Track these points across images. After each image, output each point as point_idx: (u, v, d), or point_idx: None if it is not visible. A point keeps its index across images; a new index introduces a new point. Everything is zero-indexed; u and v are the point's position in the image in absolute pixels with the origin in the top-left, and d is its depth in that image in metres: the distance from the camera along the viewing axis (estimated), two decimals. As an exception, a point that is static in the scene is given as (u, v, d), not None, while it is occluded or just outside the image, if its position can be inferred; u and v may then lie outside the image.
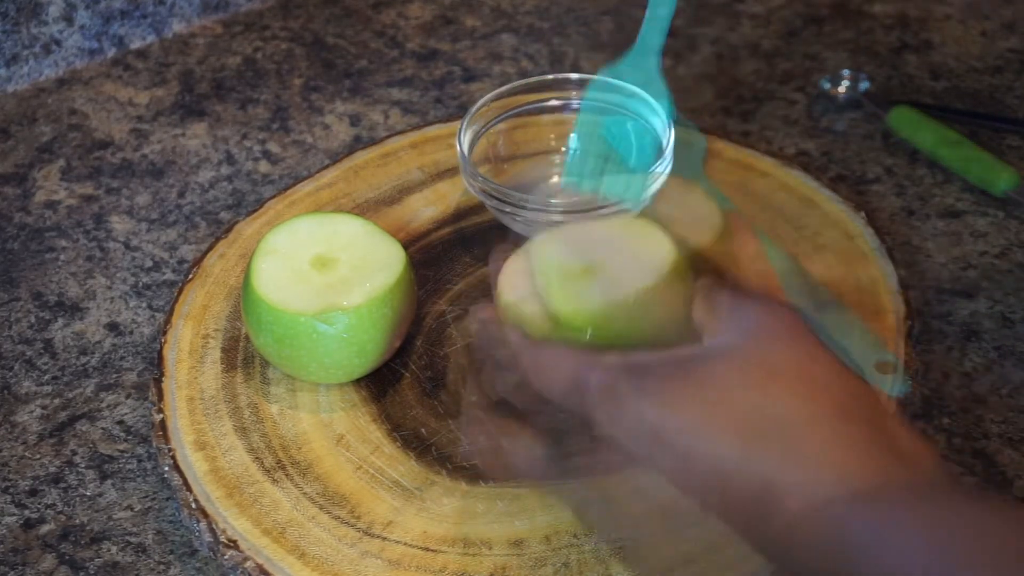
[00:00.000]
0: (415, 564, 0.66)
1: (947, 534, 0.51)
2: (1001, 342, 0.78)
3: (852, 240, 0.80)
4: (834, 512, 0.53)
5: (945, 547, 0.50)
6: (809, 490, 0.54)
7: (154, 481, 0.74)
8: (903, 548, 0.51)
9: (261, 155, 0.92)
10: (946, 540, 0.50)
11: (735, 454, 0.56)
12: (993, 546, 0.50)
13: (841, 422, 0.55)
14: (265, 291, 0.72)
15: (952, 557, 0.50)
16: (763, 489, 0.55)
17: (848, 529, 0.52)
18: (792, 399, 0.56)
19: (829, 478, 0.54)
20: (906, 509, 0.52)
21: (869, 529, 0.52)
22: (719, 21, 1.01)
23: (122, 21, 1.00)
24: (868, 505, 0.52)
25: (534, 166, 0.84)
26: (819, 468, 0.54)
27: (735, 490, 0.56)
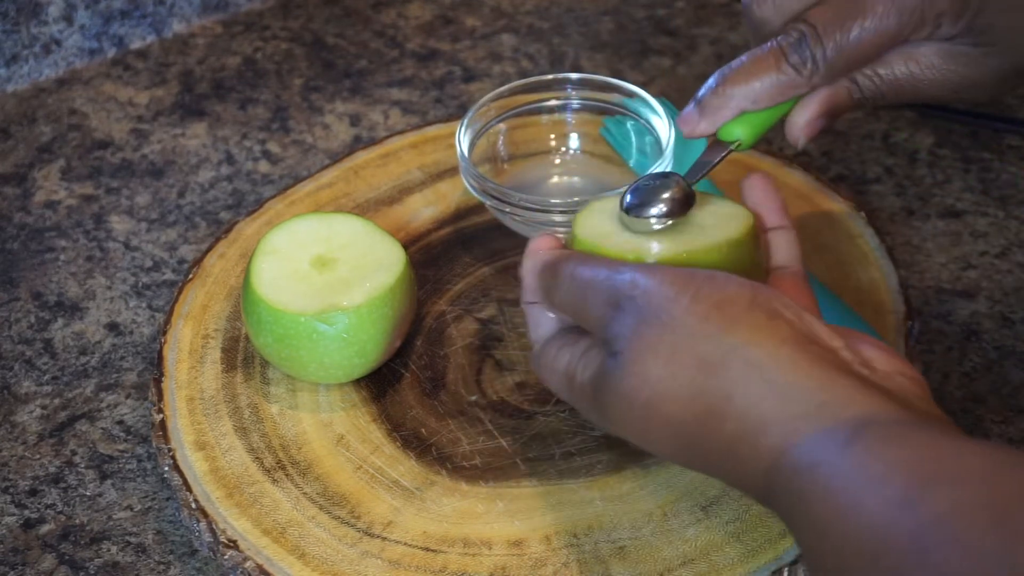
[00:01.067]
0: (415, 564, 0.66)
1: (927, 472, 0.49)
2: (1001, 342, 0.78)
3: (852, 240, 0.80)
4: (806, 451, 0.52)
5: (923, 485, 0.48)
6: (782, 424, 0.53)
7: (154, 481, 0.74)
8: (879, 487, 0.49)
9: (261, 155, 0.92)
10: (925, 477, 0.49)
11: (703, 398, 0.55)
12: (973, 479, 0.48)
13: (803, 349, 0.54)
14: (265, 291, 0.72)
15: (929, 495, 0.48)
16: (737, 432, 0.54)
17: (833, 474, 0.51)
18: (746, 329, 0.55)
19: (799, 412, 0.53)
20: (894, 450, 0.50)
21: (842, 469, 0.50)
22: (719, 21, 1.01)
23: (122, 21, 1.00)
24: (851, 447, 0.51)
25: (534, 166, 0.84)
26: (786, 403, 0.53)
27: (705, 436, 0.55)
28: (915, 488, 0.48)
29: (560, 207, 0.76)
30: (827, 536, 0.50)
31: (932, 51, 0.68)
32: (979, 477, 0.48)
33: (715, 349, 0.54)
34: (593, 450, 0.71)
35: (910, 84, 0.69)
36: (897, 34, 0.67)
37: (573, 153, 0.85)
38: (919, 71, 0.68)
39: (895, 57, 0.68)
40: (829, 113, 0.69)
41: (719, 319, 0.55)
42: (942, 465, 0.49)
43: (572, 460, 0.71)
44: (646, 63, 0.98)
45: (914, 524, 0.47)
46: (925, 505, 0.48)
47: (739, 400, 0.54)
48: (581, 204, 0.76)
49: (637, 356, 0.56)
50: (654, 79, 0.96)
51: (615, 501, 0.68)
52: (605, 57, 0.98)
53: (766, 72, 0.67)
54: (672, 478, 0.69)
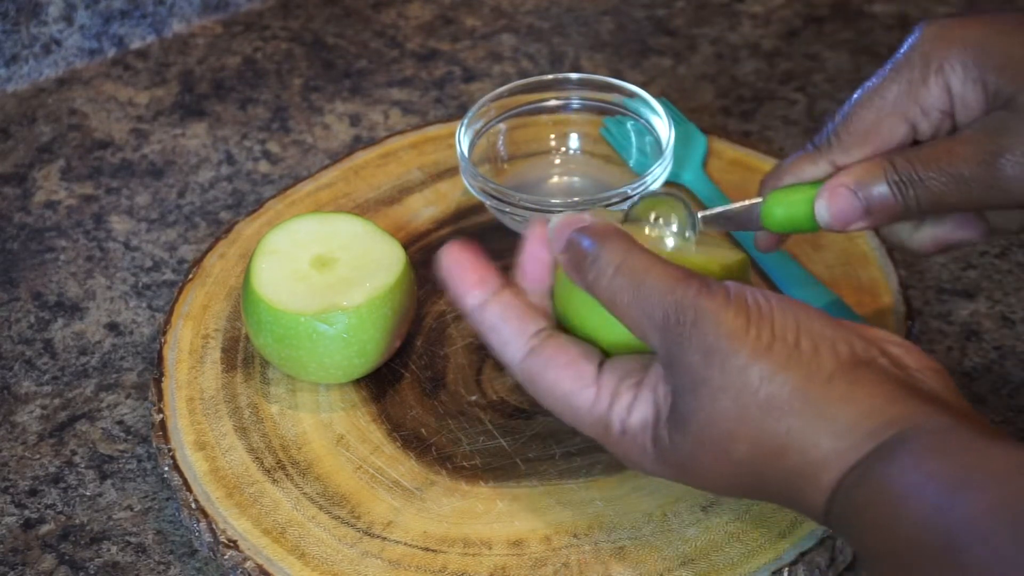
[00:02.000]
0: (415, 564, 0.66)
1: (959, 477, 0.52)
2: (1001, 342, 0.78)
3: (852, 240, 0.80)
4: (865, 475, 0.54)
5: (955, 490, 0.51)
6: (839, 457, 0.55)
7: (154, 481, 0.74)
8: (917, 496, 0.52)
9: (261, 155, 0.92)
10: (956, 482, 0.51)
11: (763, 435, 0.56)
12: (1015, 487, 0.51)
13: (850, 374, 0.56)
14: (265, 291, 0.72)
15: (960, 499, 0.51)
16: (797, 467, 0.56)
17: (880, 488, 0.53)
18: (800, 361, 0.56)
19: (855, 437, 0.55)
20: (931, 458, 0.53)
21: (887, 480, 0.53)
22: (719, 21, 1.01)
23: (122, 21, 1.00)
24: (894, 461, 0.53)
25: (534, 166, 0.84)
26: (842, 431, 0.55)
27: (768, 473, 0.57)
28: (947, 493, 0.51)
29: (560, 207, 0.76)
30: (878, 543, 0.53)
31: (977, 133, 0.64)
32: (1001, 479, 0.51)
33: (776, 390, 0.56)
34: (593, 450, 0.71)
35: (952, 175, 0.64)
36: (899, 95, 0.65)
37: (573, 153, 0.85)
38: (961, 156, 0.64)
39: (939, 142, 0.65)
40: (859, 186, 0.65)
41: (775, 357, 0.56)
42: (971, 469, 0.52)
43: (572, 460, 0.71)
44: (646, 63, 0.98)
45: (946, 526, 0.50)
46: (955, 509, 0.50)
47: (799, 439, 0.56)
48: (582, 204, 0.76)
49: (708, 397, 0.57)
50: (654, 79, 0.96)
51: (615, 501, 0.68)
52: (605, 57, 0.98)
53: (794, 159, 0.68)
54: (672, 478, 0.69)
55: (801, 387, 0.56)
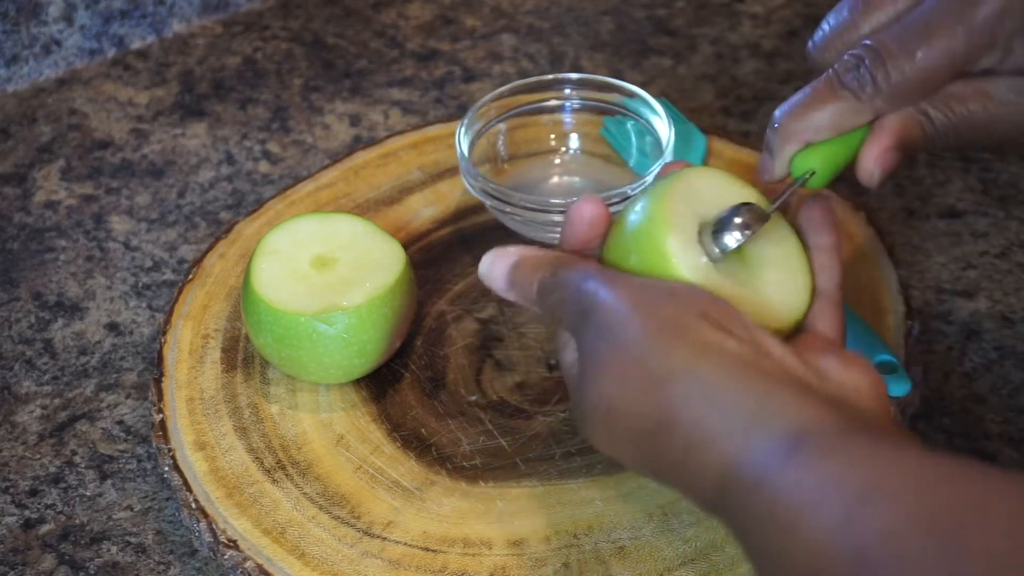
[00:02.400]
0: (415, 564, 0.66)
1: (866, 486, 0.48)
2: (1001, 342, 0.78)
3: (852, 240, 0.80)
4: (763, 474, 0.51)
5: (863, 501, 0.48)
6: (728, 438, 0.53)
7: (154, 481, 0.74)
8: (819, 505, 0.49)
9: (261, 155, 0.92)
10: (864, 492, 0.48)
11: (654, 412, 0.55)
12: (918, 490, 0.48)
13: (747, 362, 0.55)
14: (265, 291, 0.72)
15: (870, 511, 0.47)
16: (686, 445, 0.54)
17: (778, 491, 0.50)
18: (691, 344, 0.55)
19: (742, 425, 0.53)
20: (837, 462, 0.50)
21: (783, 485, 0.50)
22: (719, 21, 1.01)
23: (122, 21, 1.00)
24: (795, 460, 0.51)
25: (534, 166, 0.84)
26: (731, 409, 0.53)
27: (659, 449, 0.56)
28: (855, 504, 0.48)
29: (560, 207, 0.76)
30: (774, 554, 0.50)
31: (1007, 86, 0.64)
32: (919, 490, 0.48)
33: (661, 365, 0.55)
34: (593, 450, 0.71)
35: (984, 123, 0.64)
36: (966, 56, 0.63)
37: (573, 153, 0.85)
38: (994, 108, 0.64)
39: (969, 91, 0.64)
40: (901, 146, 0.64)
41: (667, 335, 0.55)
42: (882, 479, 0.49)
43: (572, 460, 0.71)
44: (646, 63, 0.98)
45: (857, 541, 0.47)
46: (865, 522, 0.47)
47: (686, 414, 0.54)
48: None
49: (595, 371, 0.57)
50: (654, 79, 0.96)
51: (615, 501, 0.68)
52: (605, 57, 0.98)
53: (824, 101, 0.64)
54: (672, 478, 0.69)
55: (688, 363, 0.54)
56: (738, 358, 0.55)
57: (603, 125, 0.84)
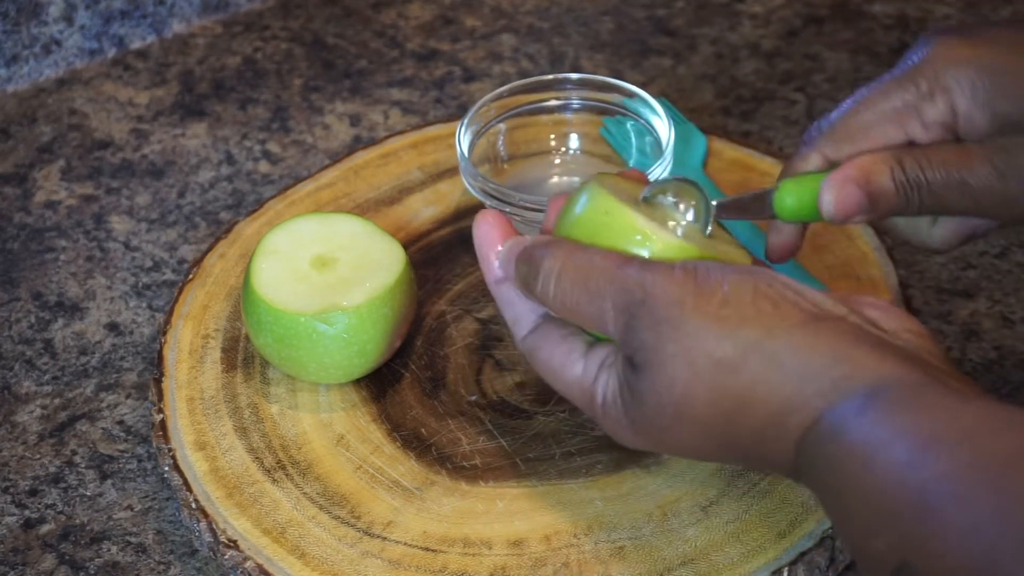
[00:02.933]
0: (415, 564, 0.66)
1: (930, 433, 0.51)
2: (1001, 342, 0.78)
3: (852, 240, 0.80)
4: (833, 428, 0.54)
5: (927, 447, 0.51)
6: (803, 406, 0.55)
7: (154, 481, 0.74)
8: (888, 450, 0.51)
9: (261, 155, 0.92)
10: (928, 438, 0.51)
11: (729, 396, 0.56)
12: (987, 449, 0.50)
13: (814, 329, 0.56)
14: (265, 291, 0.72)
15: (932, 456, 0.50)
16: (764, 420, 0.56)
17: (848, 442, 0.53)
18: (757, 318, 0.56)
19: (818, 390, 0.54)
20: (902, 413, 0.52)
21: (857, 436, 0.52)
22: (719, 21, 1.01)
23: (122, 21, 1.00)
24: (863, 414, 0.53)
25: (534, 166, 0.84)
26: (805, 379, 0.55)
27: (734, 430, 0.57)
28: (919, 450, 0.50)
29: (560, 207, 0.76)
30: (847, 499, 0.53)
31: (985, 152, 0.64)
32: (977, 437, 0.50)
33: (731, 349, 0.56)
34: (593, 450, 0.71)
35: (960, 185, 0.64)
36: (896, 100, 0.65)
37: (573, 153, 0.85)
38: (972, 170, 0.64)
39: (949, 152, 0.65)
40: (863, 182, 0.65)
41: (727, 318, 0.56)
42: (944, 426, 0.51)
43: (572, 460, 0.71)
44: (646, 63, 0.98)
45: (919, 483, 0.50)
46: (928, 465, 0.50)
47: (761, 391, 0.55)
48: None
49: (658, 367, 0.57)
50: (654, 79, 0.96)
51: (615, 501, 0.68)
52: (605, 57, 0.98)
53: None
54: (672, 478, 0.69)
55: (758, 342, 0.55)
56: (802, 327, 0.55)
57: (603, 125, 0.84)
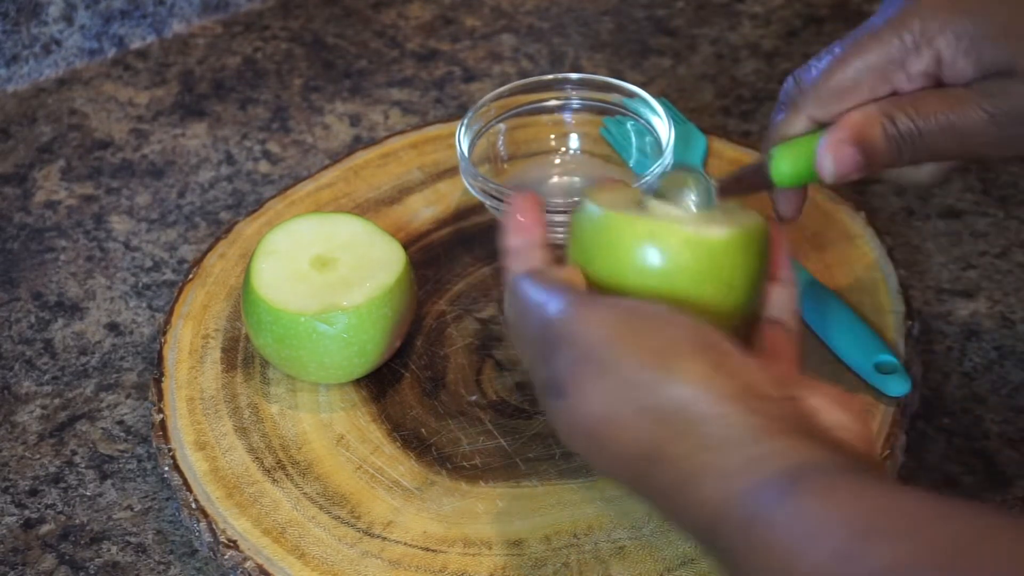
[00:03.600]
0: (415, 564, 0.66)
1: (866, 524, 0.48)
2: (1001, 342, 0.78)
3: (852, 240, 0.80)
4: (744, 504, 0.51)
5: (863, 538, 0.47)
6: (720, 483, 0.52)
7: (154, 481, 0.74)
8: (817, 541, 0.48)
9: (261, 155, 0.92)
10: (864, 529, 0.48)
11: (644, 441, 0.54)
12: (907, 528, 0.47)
13: (742, 403, 0.53)
14: (265, 291, 0.72)
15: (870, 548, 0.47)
16: (677, 480, 0.53)
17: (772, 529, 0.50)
18: (684, 383, 0.54)
19: (737, 465, 0.52)
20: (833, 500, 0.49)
21: (778, 523, 0.50)
22: (719, 21, 1.01)
23: (122, 21, 1.00)
24: (790, 498, 0.50)
25: (534, 166, 0.84)
26: (724, 456, 0.52)
27: (652, 482, 0.55)
28: (855, 541, 0.47)
29: (560, 207, 0.76)
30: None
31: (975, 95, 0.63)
32: (918, 528, 0.47)
33: (654, 399, 0.54)
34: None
35: (951, 131, 0.63)
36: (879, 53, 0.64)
37: (573, 153, 0.85)
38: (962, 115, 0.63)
39: (937, 99, 0.64)
40: (858, 141, 0.64)
41: (659, 368, 0.54)
42: (881, 516, 0.48)
43: (572, 460, 0.71)
44: (646, 63, 0.98)
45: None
46: (866, 560, 0.47)
47: (680, 451, 0.53)
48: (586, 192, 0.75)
49: (578, 394, 0.55)
50: (654, 79, 0.96)
51: (615, 501, 0.68)
52: (605, 57, 0.98)
53: None
54: (672, 478, 0.69)
55: (682, 403, 0.53)
56: (731, 398, 0.53)
57: (603, 125, 0.84)
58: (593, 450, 0.56)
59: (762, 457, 0.52)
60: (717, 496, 0.52)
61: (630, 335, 0.55)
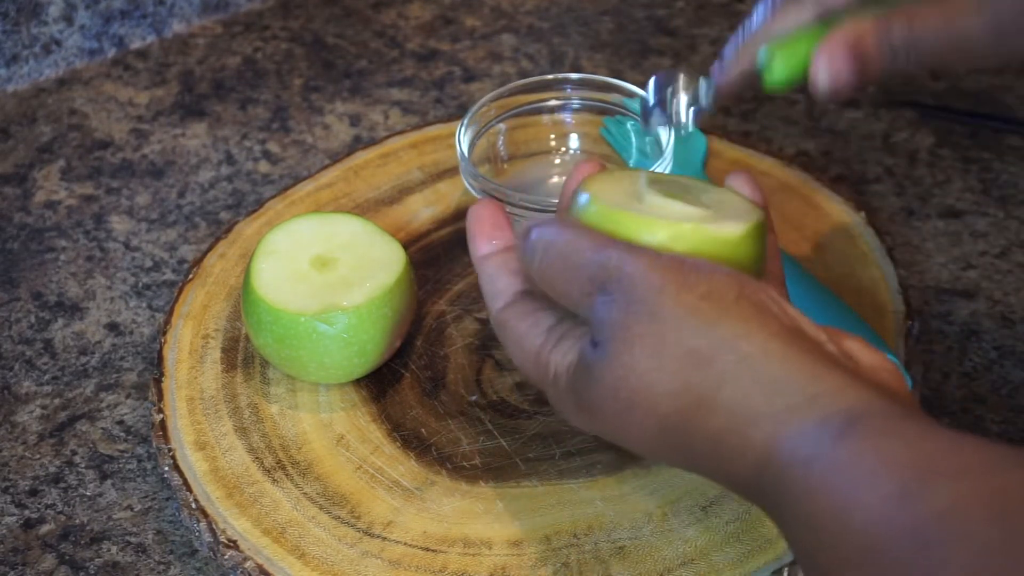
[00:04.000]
0: (415, 564, 0.66)
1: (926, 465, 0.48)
2: (1001, 342, 0.78)
3: (852, 240, 0.80)
4: (810, 453, 0.50)
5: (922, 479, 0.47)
6: (773, 419, 0.52)
7: (154, 481, 0.74)
8: (876, 482, 0.48)
9: (261, 155, 0.92)
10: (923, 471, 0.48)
11: (692, 391, 0.53)
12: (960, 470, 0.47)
13: (792, 343, 0.53)
14: (265, 291, 0.72)
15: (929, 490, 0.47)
16: (726, 425, 0.53)
17: (828, 471, 0.50)
18: (734, 322, 0.53)
19: (790, 404, 0.51)
20: (889, 443, 0.49)
21: (836, 463, 0.49)
22: (719, 21, 1.01)
23: (122, 21, 1.00)
24: (844, 441, 0.50)
25: (534, 166, 0.84)
26: (778, 390, 0.52)
27: (690, 430, 0.54)
28: (914, 482, 0.47)
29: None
30: (823, 531, 0.49)
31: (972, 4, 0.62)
32: (979, 472, 0.47)
33: (704, 342, 0.53)
34: (593, 450, 0.71)
35: (947, 39, 0.62)
36: None
37: (573, 153, 0.85)
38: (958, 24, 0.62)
39: (934, 7, 0.63)
40: (854, 49, 0.63)
41: (707, 311, 0.54)
42: (940, 459, 0.48)
43: (572, 460, 0.71)
44: (646, 63, 0.98)
45: (914, 519, 0.46)
46: (925, 500, 0.47)
47: (728, 392, 0.53)
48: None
49: (623, 346, 0.54)
50: (654, 79, 0.96)
51: (615, 501, 0.68)
52: (605, 57, 0.98)
53: None
54: (672, 478, 0.69)
55: (732, 342, 0.53)
56: (780, 338, 0.53)
57: (603, 125, 0.84)
58: (632, 413, 0.55)
59: (817, 396, 0.51)
60: (770, 437, 0.51)
61: (679, 281, 0.55)
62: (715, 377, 0.53)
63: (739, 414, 0.52)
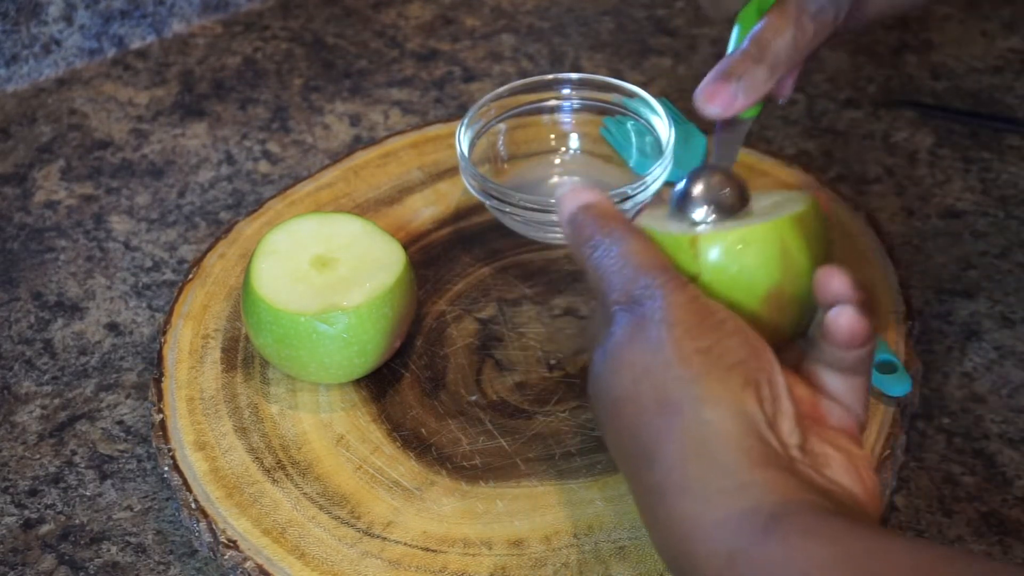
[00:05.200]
0: (415, 564, 0.66)
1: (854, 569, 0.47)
2: (1001, 342, 0.78)
3: (852, 240, 0.80)
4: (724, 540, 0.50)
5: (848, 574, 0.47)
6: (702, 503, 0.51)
7: (154, 481, 0.74)
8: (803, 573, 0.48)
9: (261, 155, 0.92)
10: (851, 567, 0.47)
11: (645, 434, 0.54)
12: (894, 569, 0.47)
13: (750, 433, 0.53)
14: (265, 291, 0.72)
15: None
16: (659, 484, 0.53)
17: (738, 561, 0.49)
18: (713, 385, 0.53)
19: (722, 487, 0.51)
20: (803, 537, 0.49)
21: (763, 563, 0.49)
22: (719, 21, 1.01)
23: (122, 21, 1.00)
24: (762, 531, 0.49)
25: (534, 166, 0.84)
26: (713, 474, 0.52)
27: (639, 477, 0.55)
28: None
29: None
30: None
31: None
32: (903, 573, 0.47)
33: (678, 393, 0.54)
34: (593, 450, 0.71)
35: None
36: None
37: (573, 153, 0.85)
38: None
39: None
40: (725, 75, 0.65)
41: (697, 365, 0.54)
42: (868, 561, 0.47)
43: (572, 460, 0.71)
44: (646, 63, 0.98)
45: None
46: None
47: (670, 453, 0.53)
48: None
49: (615, 364, 0.56)
50: (654, 79, 0.96)
51: (615, 501, 0.68)
52: (605, 57, 0.98)
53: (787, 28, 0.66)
54: (672, 478, 0.69)
55: (699, 403, 0.53)
56: (745, 424, 0.53)
57: (603, 125, 0.84)
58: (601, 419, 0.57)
59: (748, 487, 0.51)
60: (695, 516, 0.52)
61: (691, 326, 0.55)
62: (667, 432, 0.53)
63: (674, 481, 0.53)
